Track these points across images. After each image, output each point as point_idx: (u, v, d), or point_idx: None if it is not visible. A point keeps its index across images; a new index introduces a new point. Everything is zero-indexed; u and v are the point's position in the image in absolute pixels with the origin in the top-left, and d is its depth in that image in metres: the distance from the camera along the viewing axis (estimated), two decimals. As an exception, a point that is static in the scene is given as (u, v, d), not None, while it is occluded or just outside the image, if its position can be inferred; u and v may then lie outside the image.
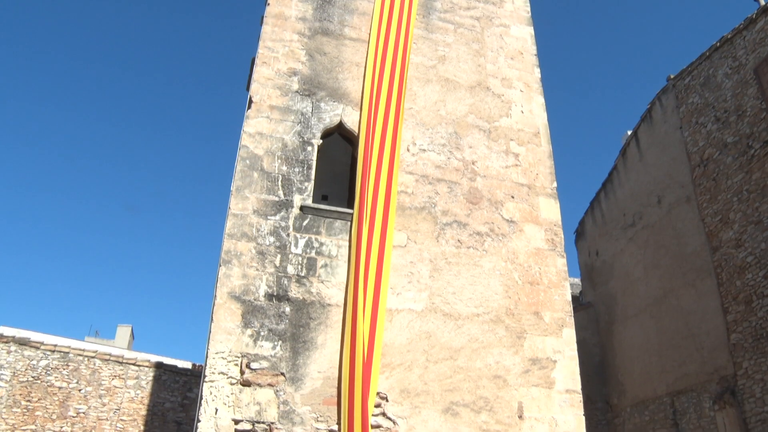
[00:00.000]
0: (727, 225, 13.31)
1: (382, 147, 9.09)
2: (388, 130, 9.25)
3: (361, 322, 7.79)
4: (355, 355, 7.68)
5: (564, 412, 8.51)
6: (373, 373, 7.74)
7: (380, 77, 9.69)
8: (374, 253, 8.33)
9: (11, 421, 13.50)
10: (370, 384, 7.60)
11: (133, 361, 15.18)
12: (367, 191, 8.65)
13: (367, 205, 8.58)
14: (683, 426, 14.03)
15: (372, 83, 9.63)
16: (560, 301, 9.15)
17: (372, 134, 9.15)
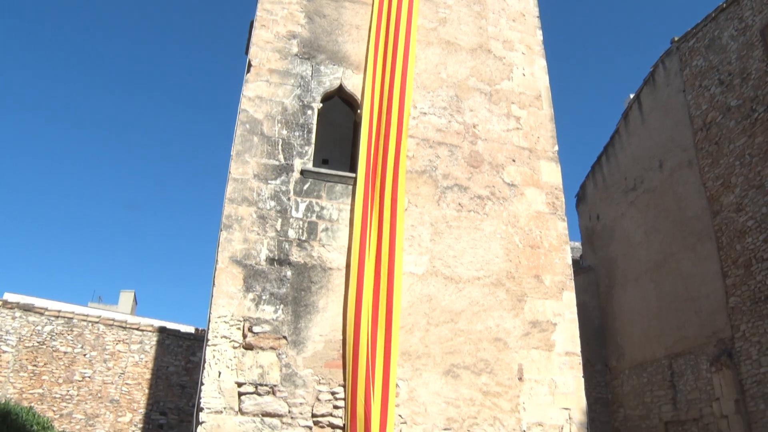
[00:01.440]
0: (729, 189, 13.26)
1: (389, 111, 8.99)
2: (394, 94, 9.16)
3: (367, 285, 7.84)
4: (359, 318, 7.74)
5: (563, 374, 8.61)
6: (382, 337, 7.81)
7: (386, 40, 9.54)
8: (386, 216, 8.34)
9: (19, 385, 13.69)
10: (377, 346, 7.69)
11: (137, 326, 15.32)
12: (371, 155, 8.61)
13: (376, 169, 8.53)
14: (680, 387, 14.21)
15: (376, 46, 9.50)
16: (561, 264, 9.19)
17: (380, 98, 9.04)
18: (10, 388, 13.60)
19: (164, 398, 14.70)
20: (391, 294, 8.00)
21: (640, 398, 15.56)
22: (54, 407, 13.82)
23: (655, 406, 14.94)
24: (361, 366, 7.53)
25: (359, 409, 7.36)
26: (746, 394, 12.31)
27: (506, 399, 8.26)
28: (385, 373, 7.59)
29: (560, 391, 8.51)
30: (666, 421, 14.53)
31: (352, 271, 8.06)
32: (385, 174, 8.59)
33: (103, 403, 14.28)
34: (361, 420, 7.32)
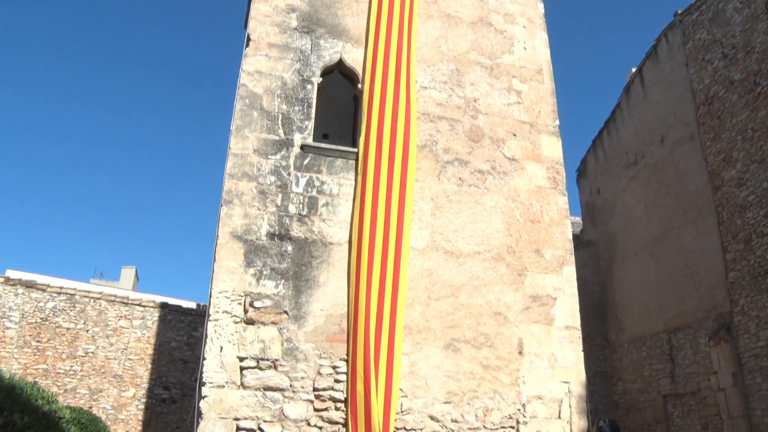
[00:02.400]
0: (730, 164, 13.22)
1: (395, 84, 8.90)
2: (397, 68, 9.06)
3: (365, 260, 7.85)
4: (359, 292, 7.77)
5: (563, 347, 8.67)
6: (385, 309, 7.84)
7: (387, 13, 9.40)
8: (395, 190, 8.32)
9: (23, 361, 13.80)
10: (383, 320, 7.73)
11: (139, 301, 15.40)
12: (371, 129, 8.55)
13: (381, 144, 8.49)
14: (679, 361, 14.31)
15: (377, 19, 9.37)
16: (561, 239, 9.20)
17: (382, 72, 8.94)
18: (15, 364, 13.72)
19: (167, 373, 14.83)
20: (398, 268, 8.01)
21: (638, 372, 15.69)
22: (58, 382, 13.96)
23: (654, 379, 15.07)
24: (360, 340, 7.58)
25: (359, 384, 7.42)
26: (744, 367, 12.41)
27: (506, 372, 8.32)
28: (390, 348, 7.64)
29: (560, 364, 8.58)
30: (664, 395, 14.66)
31: (354, 246, 8.07)
32: (392, 148, 8.53)
33: (107, 378, 14.42)
34: (361, 394, 7.38)
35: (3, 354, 13.76)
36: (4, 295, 14.15)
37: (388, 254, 8.07)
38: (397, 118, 8.73)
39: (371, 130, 8.55)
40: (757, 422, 11.96)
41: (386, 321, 7.73)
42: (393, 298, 7.86)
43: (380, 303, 7.75)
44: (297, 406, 7.41)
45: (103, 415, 13.57)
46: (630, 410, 15.85)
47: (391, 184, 8.43)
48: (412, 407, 7.82)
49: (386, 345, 7.65)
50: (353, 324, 7.70)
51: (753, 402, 12.10)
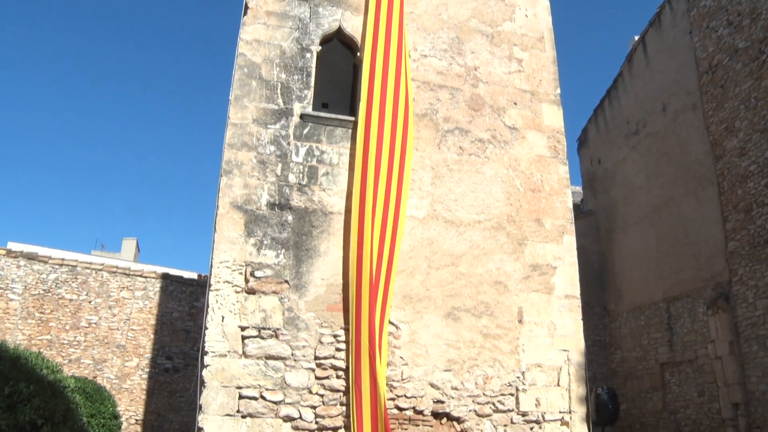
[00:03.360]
0: (732, 133, 13.15)
1: (398, 54, 8.79)
2: (403, 37, 8.96)
3: (368, 229, 7.86)
4: (361, 261, 7.79)
5: (563, 316, 8.73)
6: (383, 279, 7.89)
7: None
8: (396, 159, 8.29)
9: (27, 332, 13.92)
10: (379, 290, 7.77)
11: (140, 272, 15.47)
12: (372, 98, 8.48)
13: (384, 113, 8.44)
14: (677, 330, 14.43)
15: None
16: (561, 208, 9.19)
17: (384, 40, 8.83)
18: (19, 335, 13.84)
19: (169, 343, 14.97)
20: (394, 237, 8.04)
21: (637, 340, 15.83)
22: (62, 353, 14.09)
23: (652, 348, 15.22)
24: (364, 309, 7.62)
25: (363, 352, 7.48)
26: (741, 336, 12.52)
27: (506, 341, 8.39)
28: (381, 316, 7.68)
29: (559, 333, 8.65)
30: (662, 363, 14.82)
31: (354, 215, 8.08)
32: (393, 116, 8.48)
33: (110, 349, 14.56)
34: (366, 363, 7.44)
35: (8, 325, 13.87)
36: (7, 267, 14.21)
37: (387, 223, 8.08)
38: (399, 87, 8.66)
39: (372, 99, 8.48)
40: (752, 389, 12.11)
41: (381, 290, 7.75)
42: (388, 268, 7.88)
43: (377, 272, 7.77)
44: (298, 374, 7.49)
45: (108, 385, 13.73)
46: (628, 378, 16.04)
47: (393, 153, 8.40)
48: (412, 375, 7.90)
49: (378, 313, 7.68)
50: (356, 293, 7.74)
51: (749, 369, 12.24)
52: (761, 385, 11.88)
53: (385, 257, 7.96)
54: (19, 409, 4.30)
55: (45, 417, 4.47)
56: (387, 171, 8.27)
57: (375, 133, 8.34)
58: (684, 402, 14.07)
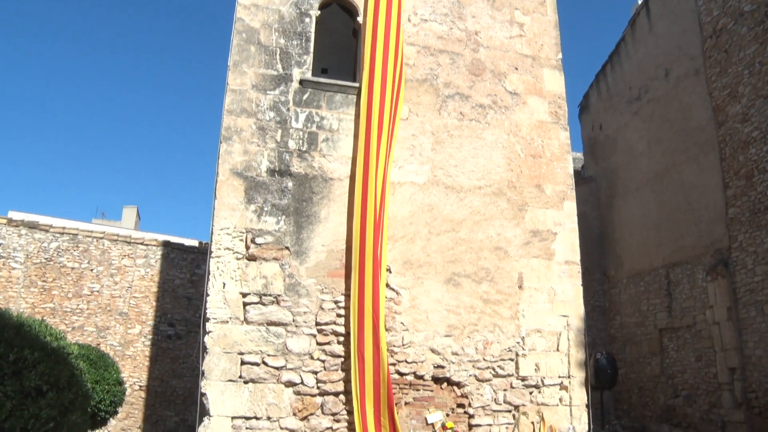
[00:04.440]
0: (735, 99, 13.03)
1: (388, 16, 8.67)
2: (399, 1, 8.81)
3: (372, 195, 7.85)
4: (365, 227, 7.78)
5: (563, 282, 8.77)
6: (383, 245, 7.91)
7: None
8: (385, 125, 8.24)
9: (30, 300, 13.99)
10: (381, 255, 7.79)
11: (141, 240, 15.48)
12: (374, 63, 8.38)
13: (385, 78, 8.35)
14: (676, 296, 14.51)
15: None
16: (562, 174, 9.16)
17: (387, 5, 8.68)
18: (23, 303, 13.91)
19: (171, 310, 15.06)
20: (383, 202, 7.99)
21: (636, 306, 15.93)
22: (66, 321, 14.18)
23: (651, 313, 15.32)
24: (368, 275, 7.64)
25: (366, 318, 7.52)
26: (739, 302, 12.59)
27: (506, 306, 8.44)
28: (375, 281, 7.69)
29: (559, 298, 8.69)
30: (660, 328, 14.93)
31: (357, 181, 8.06)
32: (393, 82, 8.41)
33: (113, 316, 14.65)
34: (369, 328, 7.49)
35: (11, 294, 13.94)
36: (8, 236, 14.22)
37: (386, 189, 8.07)
38: (398, 52, 8.56)
39: (375, 64, 8.38)
40: (748, 354, 12.23)
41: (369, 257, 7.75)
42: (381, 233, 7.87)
43: (375, 238, 7.76)
44: (300, 340, 7.55)
45: (111, 352, 13.85)
46: (627, 343, 16.18)
47: (394, 119, 8.34)
48: (413, 340, 7.97)
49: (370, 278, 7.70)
50: (358, 259, 7.75)
51: (746, 335, 12.34)
52: (758, 350, 11.99)
53: (384, 224, 7.96)
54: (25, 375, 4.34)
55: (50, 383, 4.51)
56: (387, 137, 8.23)
57: (377, 98, 8.26)
58: (681, 367, 14.22)
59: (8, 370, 4.28)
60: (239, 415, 7.14)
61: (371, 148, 8.06)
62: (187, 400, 14.57)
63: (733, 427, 12.42)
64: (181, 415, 14.68)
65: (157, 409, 14.60)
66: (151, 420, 14.52)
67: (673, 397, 14.34)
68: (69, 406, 4.70)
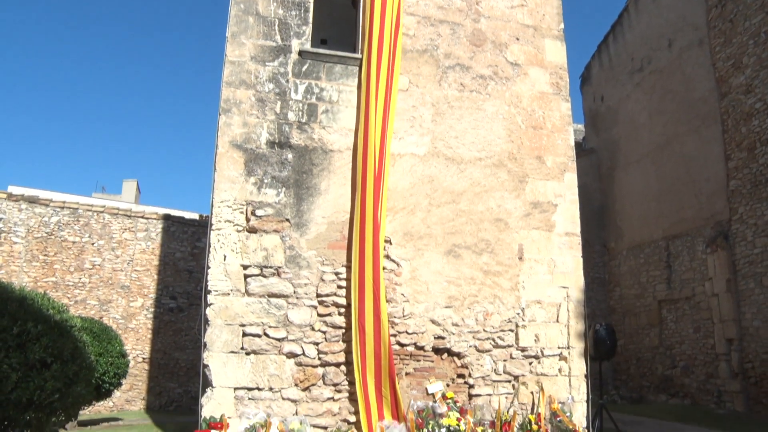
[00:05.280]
0: (739, 70, 12.92)
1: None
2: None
3: (371, 167, 7.83)
4: (365, 198, 7.77)
5: (563, 253, 8.78)
6: (383, 216, 7.91)
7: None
8: (385, 96, 8.17)
9: (33, 274, 14.05)
10: (381, 227, 7.79)
11: (141, 214, 15.49)
12: (374, 34, 8.29)
13: (382, 48, 8.27)
14: (675, 268, 14.57)
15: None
16: (563, 145, 9.12)
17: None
18: (25, 277, 13.97)
19: (173, 283, 15.14)
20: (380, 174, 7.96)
21: (636, 278, 16.00)
22: (68, 294, 14.26)
23: (650, 285, 15.39)
24: (368, 246, 7.65)
25: (367, 289, 7.55)
26: (738, 273, 12.64)
27: (506, 278, 8.47)
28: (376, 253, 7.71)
29: (559, 270, 8.71)
30: (660, 300, 15.02)
31: (358, 152, 8.03)
32: (383, 53, 8.32)
33: (115, 290, 14.73)
34: (369, 299, 7.53)
35: (13, 268, 13.99)
36: (9, 211, 14.22)
37: (386, 161, 8.04)
38: (398, 22, 8.46)
39: (373, 35, 8.29)
40: (746, 325, 12.32)
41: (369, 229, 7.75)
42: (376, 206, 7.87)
43: (374, 210, 7.75)
44: (301, 311, 7.59)
45: (114, 325, 13.96)
46: (626, 315, 16.30)
47: (389, 90, 8.26)
48: (413, 312, 8.01)
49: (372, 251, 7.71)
50: (359, 230, 7.76)
51: (744, 306, 12.41)
52: (755, 321, 12.07)
53: (383, 195, 7.95)
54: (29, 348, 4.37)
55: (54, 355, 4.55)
56: (387, 108, 8.17)
57: (375, 69, 8.19)
58: (680, 338, 14.34)
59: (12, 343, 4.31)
60: (241, 386, 7.21)
61: (370, 119, 8.01)
62: (189, 371, 14.73)
63: (729, 396, 12.57)
64: (184, 386, 14.85)
65: (161, 380, 14.76)
66: (154, 391, 14.69)
67: (671, 368, 14.49)
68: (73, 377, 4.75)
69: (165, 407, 14.56)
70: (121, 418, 12.54)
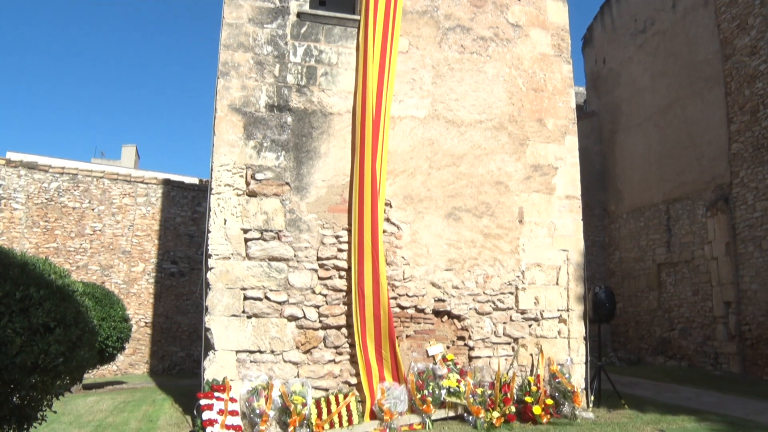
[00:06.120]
0: (744, 31, 12.72)
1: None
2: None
3: (370, 130, 7.78)
4: (363, 161, 7.75)
5: (563, 216, 8.78)
6: (382, 179, 7.89)
7: None
8: (380, 58, 8.07)
9: (34, 240, 14.07)
10: (380, 190, 7.78)
11: (141, 179, 15.45)
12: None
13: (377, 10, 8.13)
14: (675, 231, 14.59)
15: None
16: (564, 108, 9.04)
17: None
18: (26, 243, 14.00)
19: (174, 248, 15.18)
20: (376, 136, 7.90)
21: (635, 241, 16.04)
22: (70, 260, 14.31)
23: (650, 248, 15.44)
24: (366, 209, 7.65)
25: (366, 252, 7.58)
26: (738, 237, 12.66)
27: (506, 241, 8.49)
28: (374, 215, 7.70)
29: (559, 233, 8.73)
30: (659, 263, 15.08)
31: (357, 115, 7.97)
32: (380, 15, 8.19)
33: (116, 255, 14.77)
34: (368, 262, 7.56)
35: (14, 234, 14.01)
36: (8, 177, 14.18)
37: (386, 123, 7.99)
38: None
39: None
40: (744, 288, 12.40)
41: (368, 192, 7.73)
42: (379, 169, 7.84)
43: (373, 173, 7.72)
44: (302, 275, 7.62)
45: (116, 290, 14.04)
46: (625, 278, 16.38)
47: (393, 52, 8.16)
48: (414, 275, 8.05)
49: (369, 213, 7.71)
50: (358, 193, 7.74)
51: (743, 270, 12.47)
52: (753, 284, 12.14)
53: (383, 158, 7.92)
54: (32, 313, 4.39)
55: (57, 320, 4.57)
56: (387, 70, 8.08)
57: (373, 31, 8.07)
58: (678, 301, 14.43)
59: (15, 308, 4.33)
60: (243, 348, 7.28)
61: (369, 82, 7.93)
62: (192, 335, 14.88)
63: (725, 358, 12.72)
64: (187, 350, 15.01)
65: (163, 344, 14.92)
66: (157, 355, 14.86)
67: (669, 330, 14.62)
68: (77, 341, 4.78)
69: (168, 370, 14.75)
70: (125, 382, 12.71)
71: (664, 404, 8.83)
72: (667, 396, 9.73)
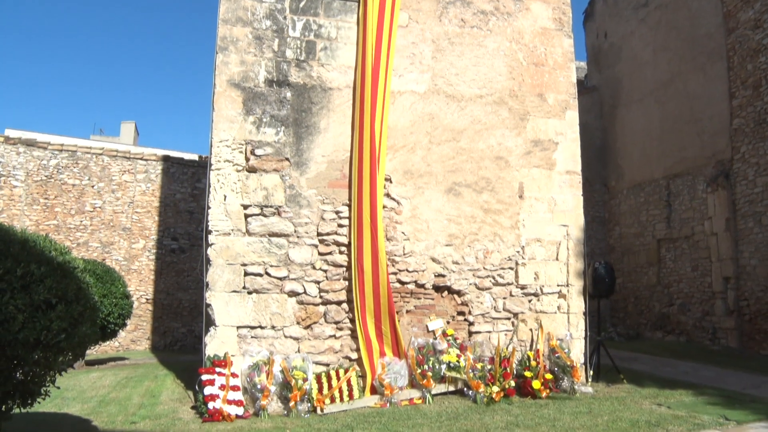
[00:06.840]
0: (748, 4, 12.57)
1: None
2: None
3: (369, 104, 7.74)
4: (362, 136, 7.72)
5: (563, 192, 8.77)
6: (382, 154, 7.87)
7: None
8: (385, 33, 8.00)
9: (34, 218, 14.06)
10: (380, 165, 7.76)
11: (141, 156, 15.39)
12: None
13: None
14: (675, 207, 14.58)
15: None
16: (565, 83, 8.98)
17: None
18: (27, 221, 13.99)
19: (174, 224, 15.19)
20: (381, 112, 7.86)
21: (635, 217, 16.04)
22: (70, 237, 14.31)
23: (650, 224, 15.44)
24: (365, 185, 7.64)
25: (365, 227, 7.58)
26: (738, 213, 12.66)
27: (507, 216, 8.48)
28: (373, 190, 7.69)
29: (559, 208, 8.72)
30: (659, 239, 15.10)
31: (357, 90, 7.91)
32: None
33: (116, 232, 14.78)
34: (368, 238, 7.57)
35: (14, 211, 13.99)
36: (7, 154, 14.12)
37: (385, 98, 7.94)
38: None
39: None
40: (743, 264, 12.42)
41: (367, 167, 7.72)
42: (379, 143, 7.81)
43: (371, 148, 7.69)
44: (302, 250, 7.63)
45: (116, 267, 14.07)
46: (625, 253, 16.41)
47: (392, 26, 8.08)
48: (414, 250, 8.06)
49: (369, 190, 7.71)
50: (357, 169, 7.73)
51: (742, 245, 12.48)
52: (753, 260, 12.16)
53: (383, 133, 7.88)
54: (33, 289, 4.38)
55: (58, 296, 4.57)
56: (387, 45, 8.01)
57: (375, 5, 7.99)
58: (678, 276, 14.48)
59: (17, 285, 4.33)
60: (244, 324, 7.32)
61: (369, 56, 7.87)
62: (193, 311, 14.95)
63: (724, 333, 12.79)
64: (188, 326, 15.09)
65: (165, 320, 15.00)
66: (159, 331, 14.94)
67: (668, 306, 14.69)
68: (78, 318, 4.78)
69: (170, 346, 14.85)
70: (127, 358, 12.81)
71: (663, 379, 8.90)
72: (665, 370, 9.81)
